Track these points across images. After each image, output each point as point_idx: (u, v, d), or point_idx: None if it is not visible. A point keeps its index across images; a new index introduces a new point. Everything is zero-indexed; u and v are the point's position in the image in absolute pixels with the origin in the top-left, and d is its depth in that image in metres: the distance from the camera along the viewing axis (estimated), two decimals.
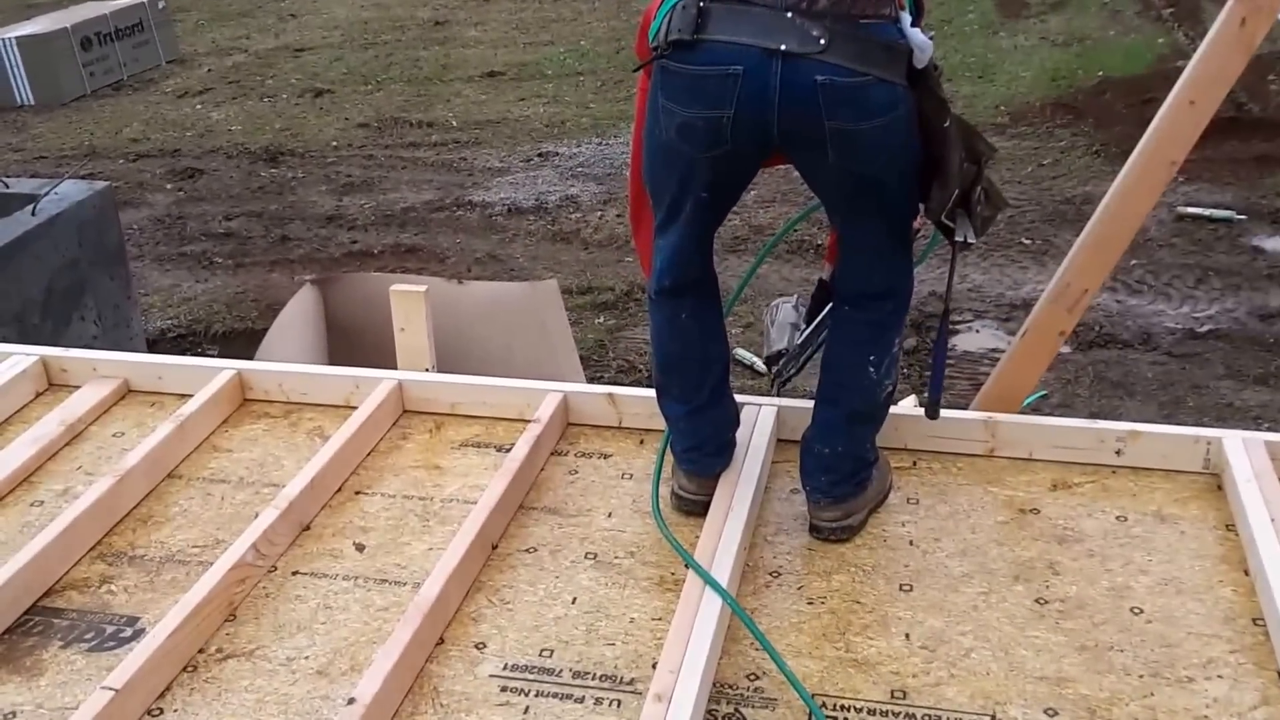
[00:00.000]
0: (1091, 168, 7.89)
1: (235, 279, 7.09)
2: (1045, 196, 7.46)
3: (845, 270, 2.34)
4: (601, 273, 6.79)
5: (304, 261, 7.26)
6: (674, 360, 2.40)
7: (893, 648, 2.08)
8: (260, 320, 6.53)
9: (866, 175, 2.11)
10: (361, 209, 8.02)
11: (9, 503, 2.52)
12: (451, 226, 7.63)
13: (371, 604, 2.22)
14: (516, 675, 2.04)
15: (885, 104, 2.02)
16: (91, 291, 4.88)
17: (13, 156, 9.54)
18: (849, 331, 2.34)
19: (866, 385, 2.32)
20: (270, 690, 2.02)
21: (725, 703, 1.97)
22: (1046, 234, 6.96)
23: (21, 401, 2.85)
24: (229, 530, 2.42)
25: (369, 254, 7.27)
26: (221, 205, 8.28)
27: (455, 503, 2.50)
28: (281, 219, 7.94)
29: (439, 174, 8.61)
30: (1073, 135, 8.46)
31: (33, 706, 1.99)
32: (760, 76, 1.99)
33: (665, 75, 2.09)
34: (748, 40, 1.99)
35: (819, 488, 2.32)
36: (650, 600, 2.21)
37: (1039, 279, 6.47)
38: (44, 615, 2.21)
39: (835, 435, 2.32)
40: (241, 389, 2.85)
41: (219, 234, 7.79)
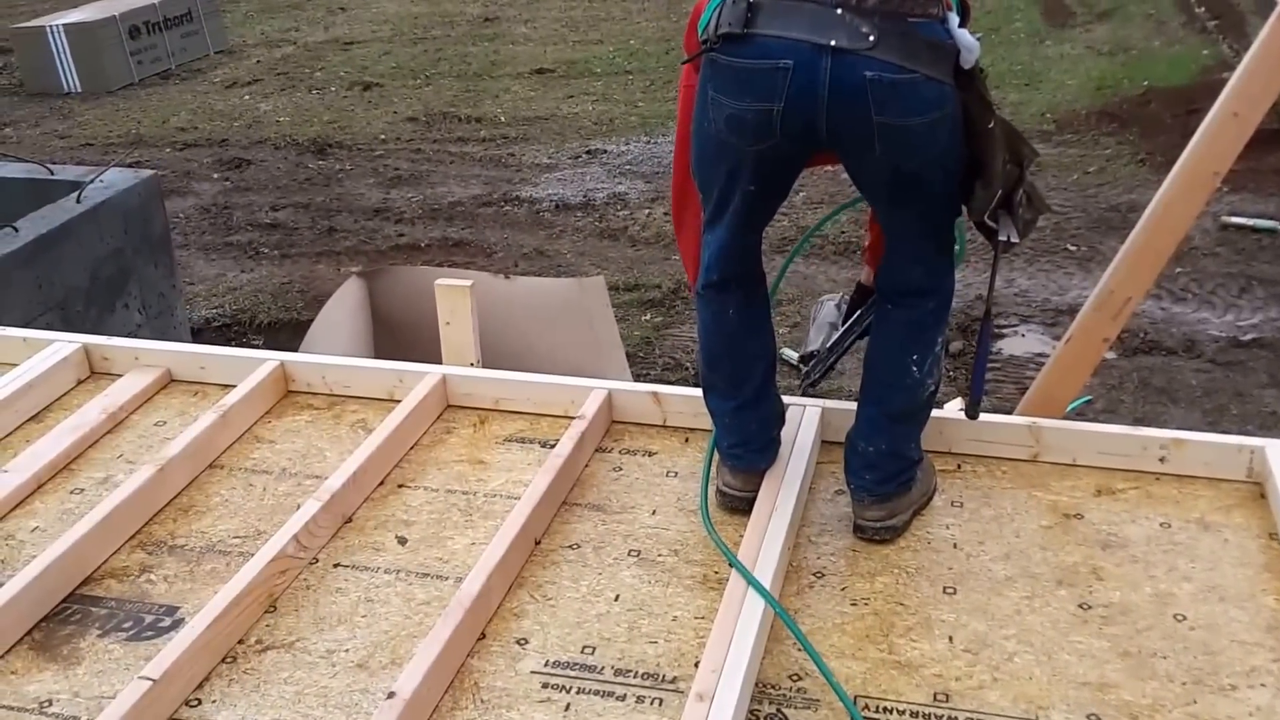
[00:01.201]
0: (1136, 176, 7.79)
1: (281, 269, 7.14)
2: (1090, 204, 7.36)
3: (887, 268, 2.31)
4: (649, 270, 6.76)
5: (350, 253, 7.30)
6: (720, 355, 2.38)
7: (935, 650, 2.04)
8: (305, 311, 6.57)
9: (911, 172, 2.10)
10: (409, 202, 8.05)
11: (49, 490, 2.54)
12: (499, 221, 7.63)
13: (413, 597, 2.21)
14: (558, 672, 2.02)
15: (932, 101, 2.01)
16: (136, 279, 4.93)
17: (59, 143, 9.66)
18: (891, 330, 2.32)
19: (909, 384, 2.29)
20: (310, 683, 2.01)
21: (768, 703, 1.95)
22: (1092, 241, 6.87)
23: (63, 389, 2.87)
24: (270, 521, 2.42)
25: (416, 247, 7.29)
26: (268, 196, 8.34)
27: (499, 498, 2.48)
28: (328, 211, 7.99)
29: (487, 169, 8.63)
30: (1118, 144, 8.36)
31: (69, 695, 2.00)
32: (810, 71, 1.98)
33: (715, 68, 2.08)
34: (798, 35, 1.99)
35: (863, 486, 2.29)
36: (693, 599, 2.18)
37: (1084, 285, 6.38)
38: (82, 604, 2.22)
39: (878, 434, 2.29)
40: (285, 380, 2.86)
41: (265, 224, 7.84)
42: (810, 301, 6.19)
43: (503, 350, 4.29)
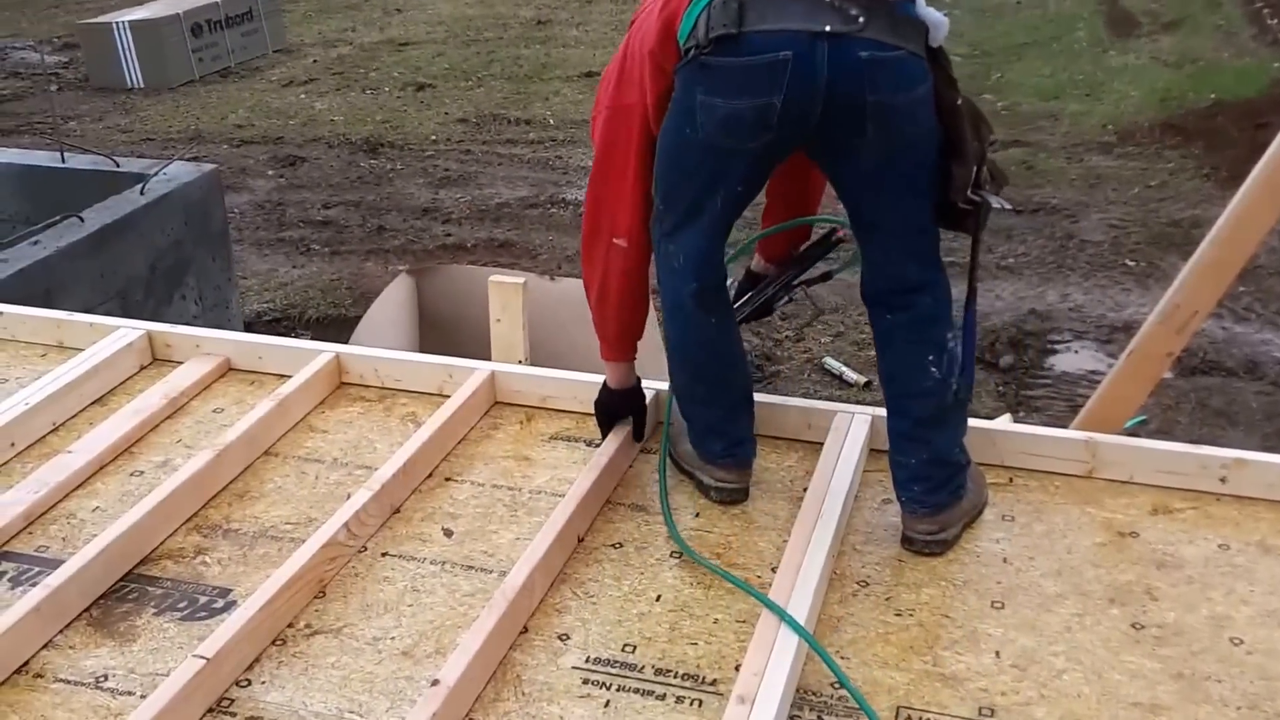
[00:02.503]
0: (1200, 191, 7.68)
1: (331, 266, 7.23)
2: (1151, 218, 7.28)
3: (874, 273, 2.29)
4: None
5: (399, 252, 7.37)
6: (704, 364, 2.39)
7: (981, 664, 2.03)
8: (354, 308, 6.65)
9: (899, 153, 2.12)
10: (457, 203, 8.12)
11: (110, 471, 2.59)
12: (545, 223, 7.69)
13: (458, 589, 2.23)
14: (598, 669, 2.03)
15: (918, 77, 2.07)
16: (194, 271, 5.01)
17: (121, 137, 9.83)
18: (898, 336, 2.29)
19: (931, 387, 2.26)
20: (356, 668, 2.04)
21: (808, 709, 1.95)
22: (1152, 256, 6.79)
23: (126, 374, 2.93)
24: (321, 509, 2.46)
25: (463, 247, 7.36)
26: (321, 193, 8.45)
27: (544, 494, 2.51)
28: (378, 209, 8.07)
29: (535, 171, 8.69)
30: (1181, 157, 8.25)
31: (125, 671, 2.04)
32: (809, 59, 2.00)
33: (705, 72, 2.07)
34: (792, 25, 2.01)
35: (914, 498, 2.28)
36: (735, 602, 2.19)
37: (1142, 302, 6.31)
38: (139, 583, 2.26)
39: (916, 445, 2.28)
40: (339, 372, 2.90)
41: (317, 221, 7.94)
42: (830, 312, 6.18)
43: (547, 349, 4.32)
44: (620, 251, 2.34)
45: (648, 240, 2.33)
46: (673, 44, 2.12)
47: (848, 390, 5.56)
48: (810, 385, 5.64)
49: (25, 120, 10.26)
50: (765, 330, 6.13)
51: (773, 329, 6.14)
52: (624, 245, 2.33)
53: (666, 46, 2.14)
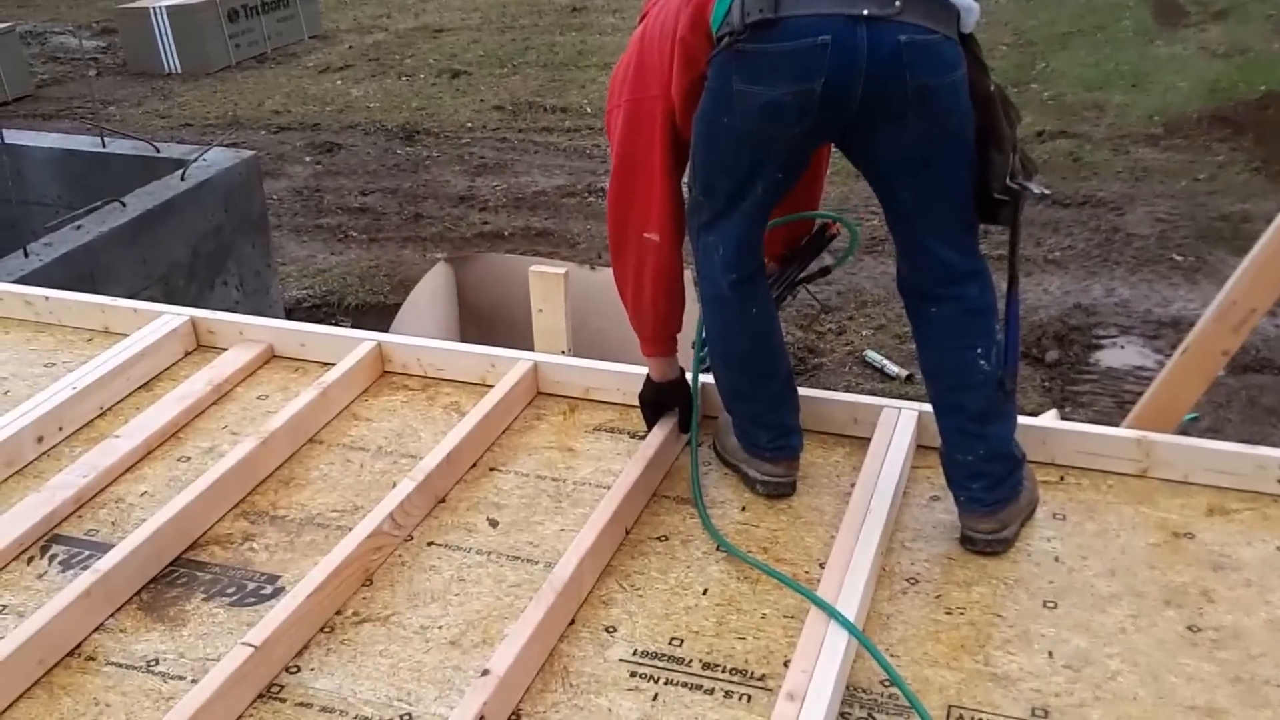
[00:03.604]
0: (1251, 185, 7.56)
1: (369, 253, 7.25)
2: (1200, 212, 7.17)
3: (915, 266, 2.25)
4: None
5: (436, 240, 7.39)
6: (748, 355, 2.36)
7: (1034, 664, 2.00)
8: (392, 295, 6.67)
9: (940, 137, 2.09)
10: (493, 190, 8.13)
11: (157, 457, 2.60)
12: (582, 212, 7.68)
13: (504, 579, 2.23)
14: (646, 662, 2.02)
15: (954, 61, 2.04)
16: (234, 257, 5.04)
17: (160, 122, 9.90)
18: (943, 330, 2.25)
19: (981, 380, 2.23)
20: (404, 657, 2.04)
21: (858, 706, 1.93)
22: (1200, 251, 6.70)
23: (171, 360, 2.94)
24: (367, 497, 2.46)
25: (500, 235, 7.37)
26: (358, 180, 8.47)
27: (588, 486, 2.49)
28: (415, 197, 8.09)
29: (571, 159, 8.68)
30: (1231, 150, 8.13)
31: (175, 655, 2.05)
32: (848, 43, 1.98)
33: (741, 59, 2.04)
34: (829, 9, 1.98)
35: (973, 496, 2.24)
36: (782, 597, 2.17)
37: (1190, 297, 6.23)
38: (188, 567, 2.27)
39: (971, 441, 2.24)
40: (381, 360, 2.90)
41: (354, 208, 7.97)
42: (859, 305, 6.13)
43: (588, 339, 4.32)
44: (652, 246, 2.31)
45: (680, 232, 2.31)
46: (704, 32, 2.09)
47: (890, 383, 5.52)
48: (852, 379, 5.60)
49: (65, 105, 10.35)
50: (807, 323, 6.10)
51: (816, 322, 6.11)
52: (656, 239, 2.30)
53: (698, 34, 2.11)
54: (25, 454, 2.55)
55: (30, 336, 3.09)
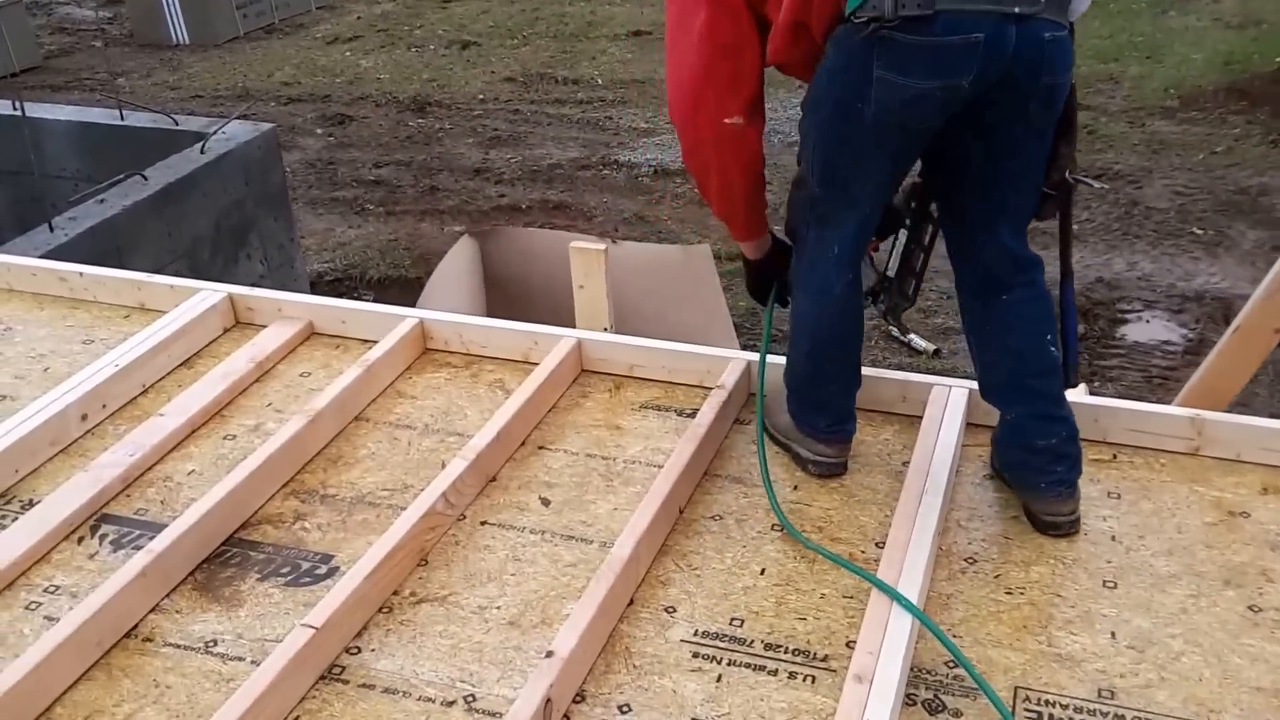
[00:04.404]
0: (1269, 157, 7.52)
1: (386, 226, 7.22)
2: (1218, 185, 7.13)
3: (993, 254, 2.23)
4: None
5: (453, 213, 7.35)
6: (839, 344, 2.32)
7: (1098, 645, 2.00)
8: (413, 268, 6.65)
9: (1041, 132, 2.10)
10: (508, 163, 8.08)
11: (203, 435, 2.58)
12: (598, 185, 7.63)
13: (559, 559, 2.21)
14: (708, 642, 2.01)
15: (1073, 56, 2.06)
16: (257, 231, 5.01)
17: (169, 94, 9.83)
18: (1021, 315, 2.24)
19: (1053, 365, 2.24)
20: (464, 637, 2.03)
21: (924, 688, 1.92)
22: (1219, 224, 6.67)
23: (210, 336, 2.92)
24: (417, 476, 2.44)
25: (517, 208, 7.33)
26: (371, 152, 8.42)
27: (638, 464, 2.48)
28: (430, 169, 8.04)
29: (585, 132, 8.62)
30: (1247, 123, 8.07)
31: (233, 636, 2.04)
32: (999, 40, 1.95)
33: (888, 48, 1.97)
34: (985, 6, 1.94)
35: (1059, 479, 2.22)
36: (840, 577, 2.16)
37: (1212, 271, 6.21)
38: (240, 547, 2.26)
39: (1056, 424, 2.23)
40: (423, 338, 2.88)
41: (369, 181, 7.93)
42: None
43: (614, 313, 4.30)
44: (735, 131, 2.19)
45: (762, 112, 2.21)
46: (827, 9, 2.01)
47: (917, 358, 5.50)
48: (878, 353, 5.58)
49: (74, 76, 10.28)
50: None
51: None
52: (740, 123, 2.19)
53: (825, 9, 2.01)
54: (70, 432, 2.54)
55: (65, 313, 3.07)
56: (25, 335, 2.96)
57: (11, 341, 2.94)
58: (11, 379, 2.78)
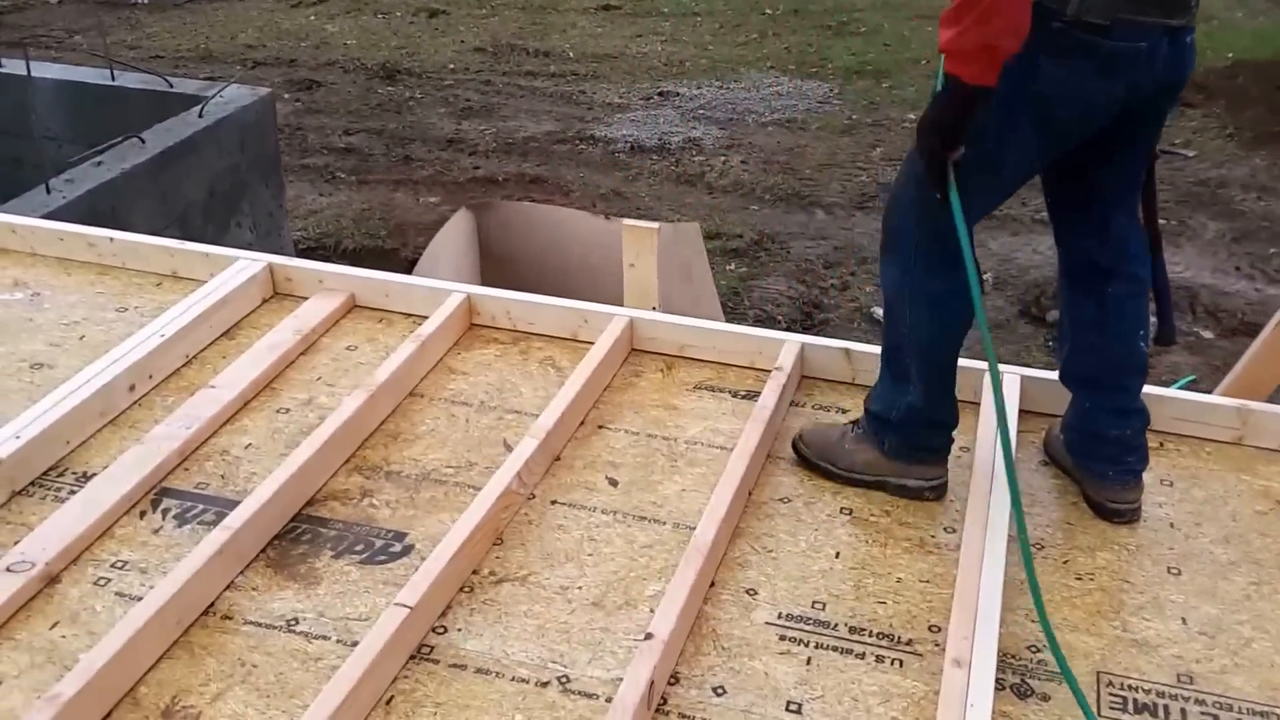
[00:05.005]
0: (1225, 151, 7.69)
1: (359, 195, 7.10)
2: (1178, 177, 7.27)
3: (1105, 239, 2.24)
4: (729, 219, 6.72)
5: (428, 183, 7.25)
6: (956, 346, 2.26)
7: (1171, 631, 2.05)
8: (390, 239, 6.55)
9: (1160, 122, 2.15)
10: (482, 135, 7.98)
11: (255, 408, 2.53)
12: (574, 160, 7.57)
13: (634, 540, 2.21)
14: (793, 625, 2.03)
15: None
16: (248, 198, 4.90)
17: (129, 54, 9.52)
18: (1122, 313, 2.26)
19: (1141, 362, 2.29)
20: (549, 617, 2.02)
21: (1011, 673, 1.96)
22: (1181, 215, 6.81)
23: (250, 307, 2.86)
24: (479, 453, 2.42)
25: (493, 181, 7.25)
26: (340, 119, 8.27)
27: (700, 445, 2.48)
28: (402, 139, 7.92)
29: (558, 105, 8.54)
30: (1204, 117, 8.23)
31: (314, 615, 2.01)
32: (1157, 50, 1.98)
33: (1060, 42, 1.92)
34: (1154, 19, 1.95)
35: (1127, 469, 2.27)
36: (914, 561, 2.19)
37: (1175, 260, 6.33)
38: (310, 524, 2.22)
39: (1129, 419, 2.28)
40: (470, 313, 2.84)
41: (340, 148, 7.78)
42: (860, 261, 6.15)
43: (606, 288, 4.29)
44: None
45: None
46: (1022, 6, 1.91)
47: None
48: (860, 335, 5.63)
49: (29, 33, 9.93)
50: (811, 279, 6.12)
51: (818, 277, 6.13)
52: None
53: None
54: (118, 403, 2.47)
55: (94, 279, 2.98)
56: (55, 302, 2.88)
57: (41, 308, 2.85)
58: (47, 346, 2.70)
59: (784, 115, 8.25)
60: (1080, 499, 2.36)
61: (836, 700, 1.89)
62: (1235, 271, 6.26)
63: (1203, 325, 5.86)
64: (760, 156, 7.60)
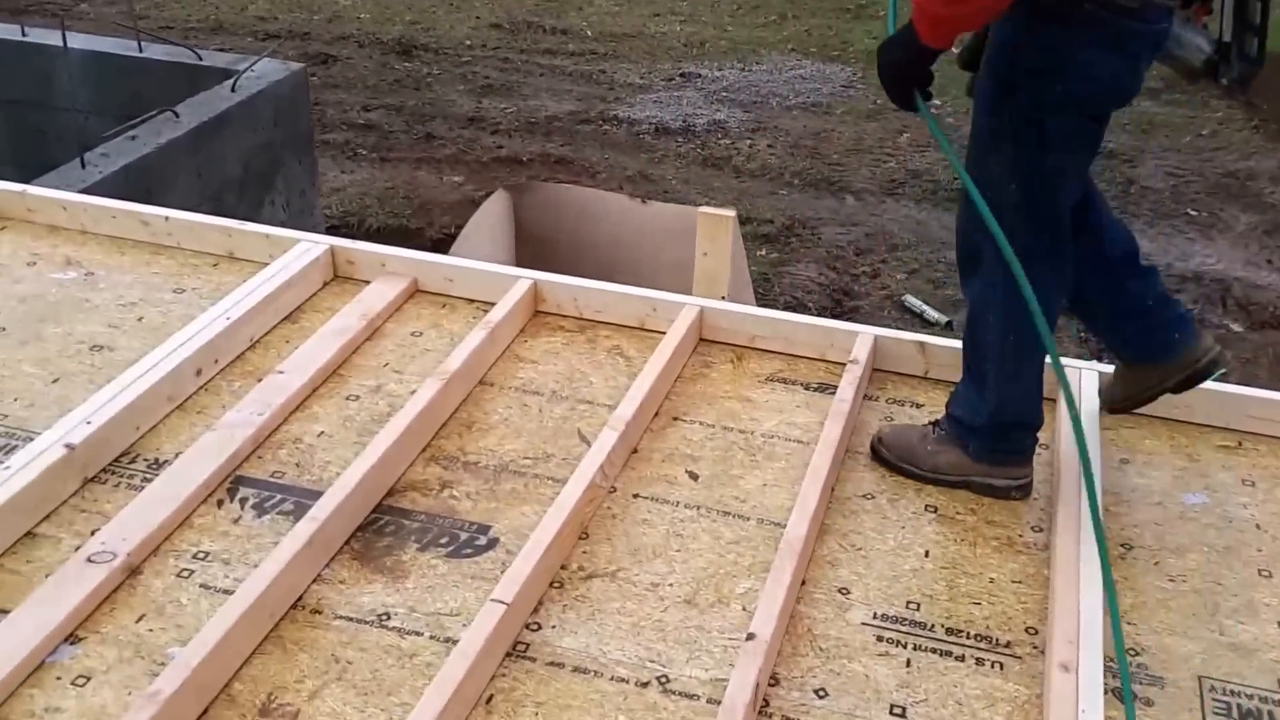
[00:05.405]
0: (1251, 142, 7.67)
1: (382, 173, 7.03)
2: (1208, 168, 7.25)
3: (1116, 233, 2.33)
4: (758, 204, 6.67)
5: (450, 162, 7.18)
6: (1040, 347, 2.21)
7: (1267, 634, 2.02)
8: (414, 218, 6.50)
9: None
10: (503, 113, 7.91)
11: (324, 394, 2.49)
12: (598, 141, 7.51)
13: (720, 536, 2.18)
14: (889, 626, 2.00)
15: None
16: (282, 174, 4.84)
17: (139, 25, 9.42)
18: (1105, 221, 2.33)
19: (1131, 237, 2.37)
20: (643, 615, 1.99)
21: (1111, 676, 1.92)
22: (1212, 207, 6.79)
23: (311, 290, 2.81)
24: (555, 445, 2.38)
25: (518, 161, 7.18)
26: (358, 95, 8.18)
27: (777, 439, 2.45)
28: (422, 116, 7.84)
29: (578, 84, 8.47)
30: (1228, 107, 8.21)
31: (405, 609, 1.97)
32: (1168, 31, 2.04)
33: (1098, 26, 1.96)
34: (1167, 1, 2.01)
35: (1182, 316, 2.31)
36: (1004, 561, 2.16)
37: (1207, 253, 6.32)
38: (393, 515, 2.18)
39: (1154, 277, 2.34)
40: (535, 299, 2.80)
41: (359, 124, 7.70)
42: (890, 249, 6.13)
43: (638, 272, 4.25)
44: None
45: None
46: None
47: (930, 329, 5.53)
48: (890, 322, 5.59)
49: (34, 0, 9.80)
50: (841, 265, 6.08)
51: (849, 264, 6.09)
52: None
53: None
54: (185, 388, 2.42)
55: (149, 259, 2.93)
56: (110, 282, 2.82)
57: (96, 287, 2.80)
58: (106, 328, 2.65)
59: (808, 99, 8.19)
60: (1165, 499, 2.33)
61: (940, 704, 1.86)
62: (1267, 265, 6.23)
63: (1233, 319, 5.84)
64: (787, 140, 7.54)
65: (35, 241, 2.96)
